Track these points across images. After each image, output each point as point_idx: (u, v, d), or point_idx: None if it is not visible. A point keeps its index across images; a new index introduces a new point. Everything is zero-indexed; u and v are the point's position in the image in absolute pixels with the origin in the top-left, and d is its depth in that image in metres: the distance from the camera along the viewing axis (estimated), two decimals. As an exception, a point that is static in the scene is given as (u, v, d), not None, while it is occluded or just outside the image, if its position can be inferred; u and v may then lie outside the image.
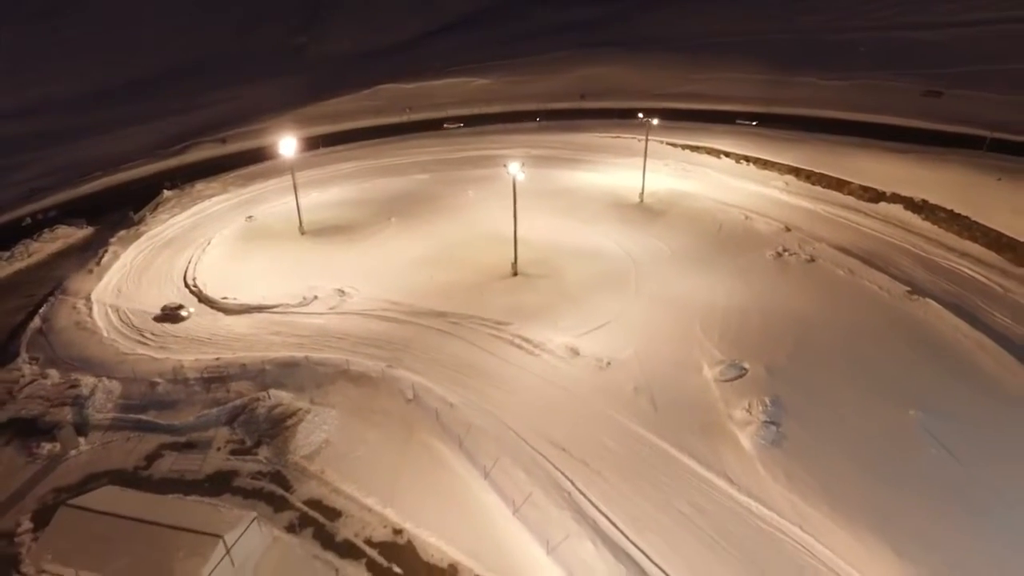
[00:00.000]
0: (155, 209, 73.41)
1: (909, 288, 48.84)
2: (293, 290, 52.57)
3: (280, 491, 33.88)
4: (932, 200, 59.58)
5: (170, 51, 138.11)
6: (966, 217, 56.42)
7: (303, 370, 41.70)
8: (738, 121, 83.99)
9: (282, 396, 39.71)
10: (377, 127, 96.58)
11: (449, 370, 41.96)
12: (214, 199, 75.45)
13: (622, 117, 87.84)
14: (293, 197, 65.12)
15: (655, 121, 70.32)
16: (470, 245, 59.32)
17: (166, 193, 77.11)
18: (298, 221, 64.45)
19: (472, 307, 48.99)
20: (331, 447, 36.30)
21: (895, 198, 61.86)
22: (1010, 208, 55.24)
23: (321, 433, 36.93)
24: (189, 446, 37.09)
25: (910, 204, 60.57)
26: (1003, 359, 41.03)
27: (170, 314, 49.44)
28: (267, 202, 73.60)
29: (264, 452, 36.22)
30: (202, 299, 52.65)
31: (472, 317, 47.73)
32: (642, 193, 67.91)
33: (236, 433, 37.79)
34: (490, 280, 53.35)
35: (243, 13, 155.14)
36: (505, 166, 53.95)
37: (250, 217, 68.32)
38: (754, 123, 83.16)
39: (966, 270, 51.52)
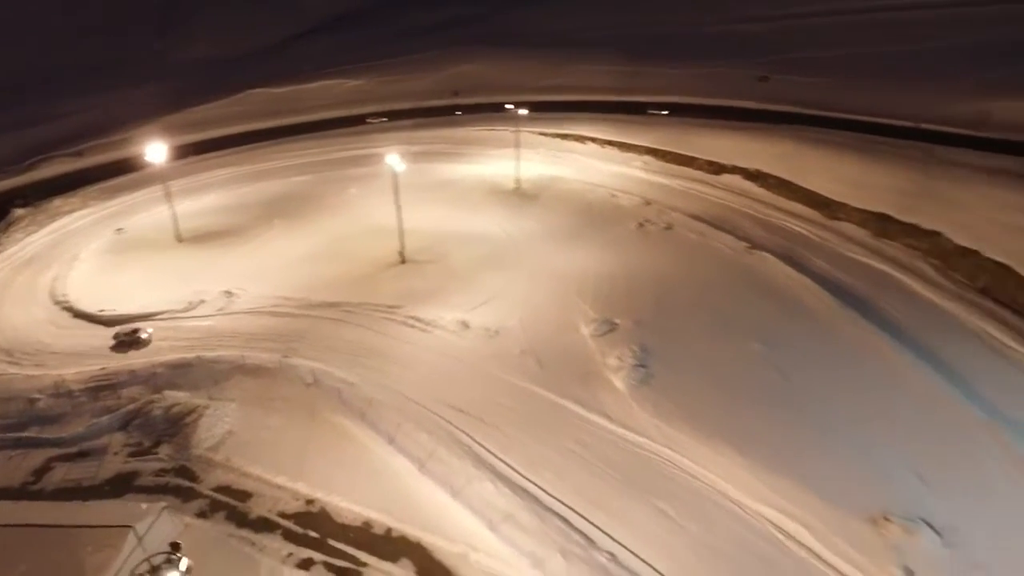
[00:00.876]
0: (6, 229, 68.33)
1: (749, 244, 56.30)
2: (176, 296, 51.80)
3: (187, 483, 34.32)
4: (764, 169, 68.37)
5: (13, 58, 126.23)
6: (791, 182, 65.39)
7: (197, 369, 41.81)
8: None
9: (178, 396, 39.76)
10: (249, 132, 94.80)
11: (346, 354, 43.74)
12: (75, 214, 71.46)
13: (494, 111, 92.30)
14: (164, 207, 63.45)
15: (524, 111, 74.97)
16: (357, 239, 60.88)
17: (17, 212, 71.87)
18: (174, 229, 62.91)
19: (363, 295, 50.86)
20: (234, 436, 37.07)
21: (735, 170, 70.33)
22: (825, 172, 64.68)
23: (223, 425, 37.57)
24: (82, 455, 36.41)
25: (747, 174, 69.16)
26: (821, 295, 48.73)
27: (127, 340, 45.90)
28: (136, 214, 70.83)
29: (165, 450, 36.34)
30: (76, 314, 50.60)
31: (364, 304, 49.64)
32: (517, 180, 72.38)
33: (132, 437, 37.50)
34: (379, 270, 55.37)
35: (91, 18, 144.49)
36: (384, 159, 56.12)
37: (120, 229, 65.62)
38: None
39: (793, 226, 60.09)
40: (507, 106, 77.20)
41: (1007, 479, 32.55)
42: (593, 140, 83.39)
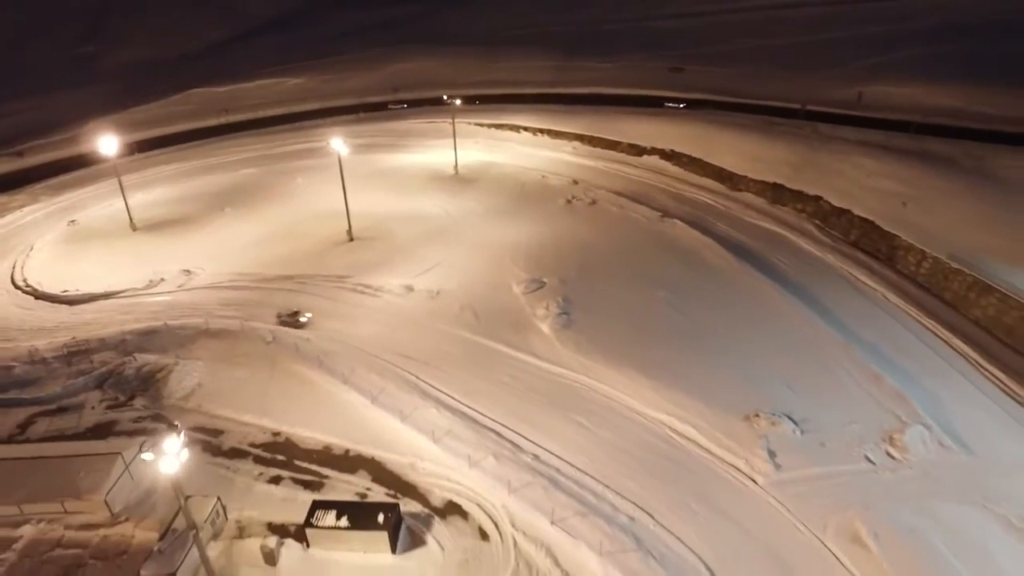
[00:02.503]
0: (-47, 227, 69.54)
1: (662, 213, 63.41)
2: (137, 277, 55.18)
3: (163, 427, 38.58)
4: (678, 150, 75.91)
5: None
6: (701, 159, 73.08)
7: (163, 335, 45.70)
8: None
9: (147, 358, 43.67)
10: (194, 130, 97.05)
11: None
12: (24, 210, 72.98)
13: (433, 104, 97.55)
14: (115, 200, 66.14)
15: (458, 102, 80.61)
16: (306, 222, 65.18)
17: (-38, 210, 72.96)
18: (127, 220, 65.78)
19: (315, 268, 55.48)
20: (203, 387, 41.43)
21: (653, 151, 77.75)
22: (730, 150, 72.51)
23: (192, 379, 41.84)
24: (62, 410, 40.06)
25: (664, 154, 76.65)
26: (722, 253, 55.99)
27: (288, 321, 47.78)
28: (87, 208, 72.97)
29: (140, 402, 40.41)
30: (39, 296, 53.45)
31: (316, 276, 54.30)
32: (456, 166, 77.90)
33: (108, 393, 41.32)
34: (329, 247, 59.95)
35: (21, 19, 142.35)
36: (329, 144, 60.75)
37: (73, 221, 67.90)
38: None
39: (701, 197, 67.73)
40: (444, 97, 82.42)
41: (854, 382, 40.07)
42: (526, 129, 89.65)
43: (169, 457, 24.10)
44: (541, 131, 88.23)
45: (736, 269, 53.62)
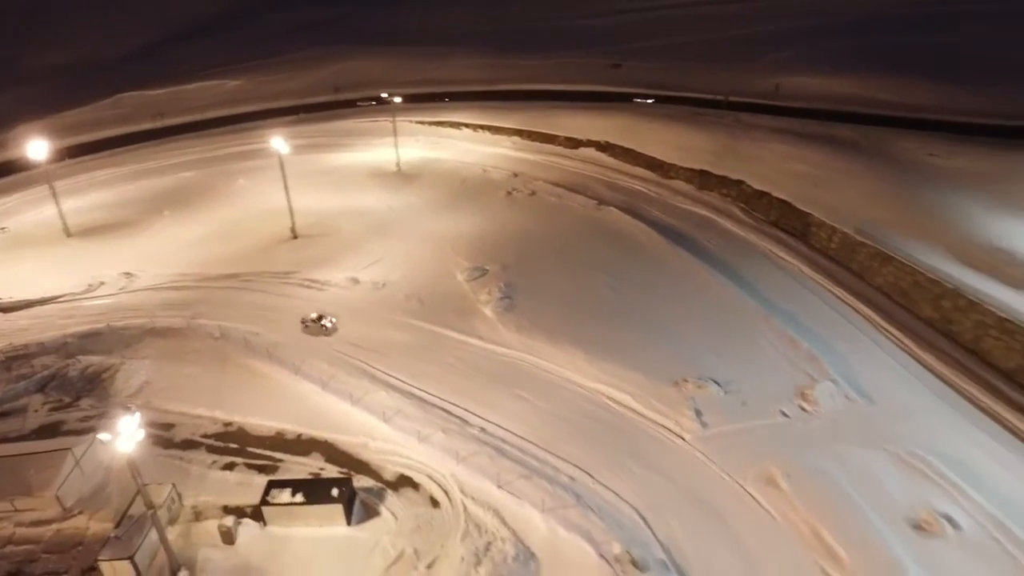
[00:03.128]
0: None
1: (598, 202, 66.44)
2: (74, 281, 54.48)
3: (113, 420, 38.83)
4: (612, 141, 79.27)
5: None
6: (634, 150, 76.58)
7: (107, 336, 45.69)
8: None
9: (91, 359, 43.67)
10: (127, 135, 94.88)
11: (248, 313, 49.03)
12: (-52, 219, 70.51)
13: (374, 104, 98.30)
14: (45, 207, 64.78)
15: (398, 99, 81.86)
16: (248, 221, 65.40)
17: None
18: (61, 225, 64.54)
19: (259, 266, 56.04)
20: (151, 385, 41.83)
21: (589, 143, 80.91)
22: (660, 140, 76.27)
23: (139, 377, 42.16)
24: (3, 415, 39.76)
25: (599, 146, 79.92)
26: (653, 237, 59.28)
27: (313, 326, 46.44)
28: (16, 215, 71.03)
29: (87, 402, 40.49)
30: (-30, 305, 52.22)
31: (261, 273, 54.92)
32: (398, 163, 79.18)
33: (51, 396, 41.20)
34: (273, 245, 60.49)
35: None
36: (270, 144, 61.23)
37: (3, 229, 66.09)
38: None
39: (634, 185, 71.17)
40: (383, 95, 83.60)
41: (773, 347, 43.66)
42: (467, 125, 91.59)
43: (125, 438, 25.06)
44: (481, 127, 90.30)
45: (668, 251, 56.92)
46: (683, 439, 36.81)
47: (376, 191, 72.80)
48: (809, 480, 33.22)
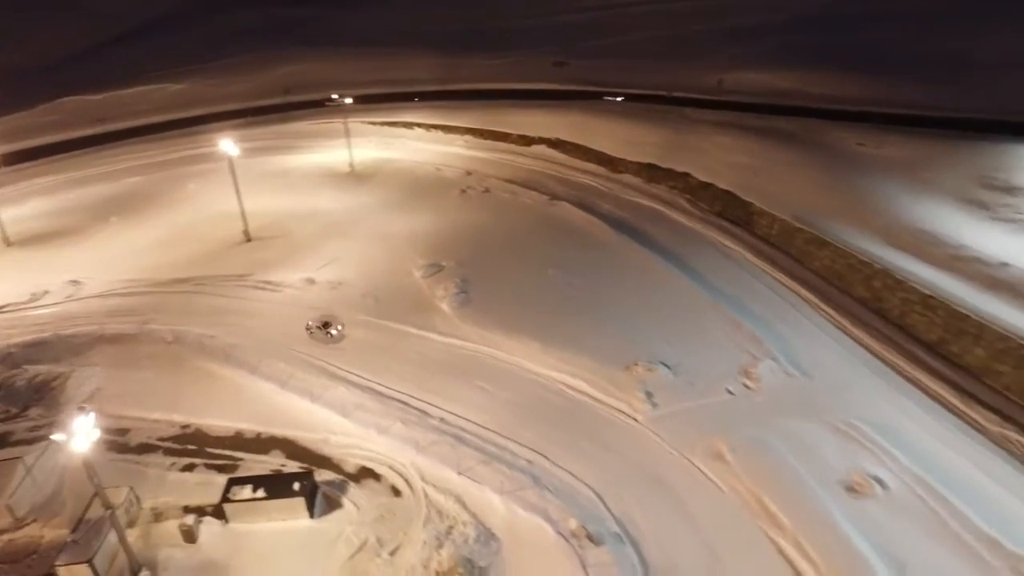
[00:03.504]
0: None
1: (550, 197, 67.90)
2: (17, 291, 53.03)
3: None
4: (564, 138, 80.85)
5: None
6: (584, 146, 78.33)
7: (54, 344, 44.78)
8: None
9: (39, 368, 42.80)
10: (68, 141, 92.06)
11: (203, 317, 48.64)
12: None
13: (326, 106, 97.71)
14: (-24, 218, 62.57)
15: (349, 100, 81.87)
16: (200, 225, 64.61)
17: None
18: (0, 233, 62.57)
19: (212, 270, 55.47)
20: (103, 391, 41.26)
21: (541, 140, 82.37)
22: (609, 136, 78.19)
23: (90, 384, 41.55)
24: (-53, 429, 38.72)
25: (551, 143, 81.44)
26: (605, 230, 60.93)
27: (318, 333, 45.19)
28: (-49, 226, 68.32)
29: (36, 411, 39.71)
30: (-94, 319, 50.29)
31: (214, 277, 54.39)
32: (351, 163, 79.18)
33: (-2, 407, 40.29)
34: (226, 248, 59.95)
35: None
36: (219, 147, 60.68)
37: (-63, 240, 63.64)
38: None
39: (585, 180, 72.93)
40: (333, 96, 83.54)
41: (719, 330, 45.68)
42: (419, 125, 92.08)
43: (80, 437, 25.06)
44: (434, 127, 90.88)
45: (618, 243, 58.68)
46: (635, 420, 38.39)
47: (330, 192, 72.73)
48: (752, 452, 35.17)
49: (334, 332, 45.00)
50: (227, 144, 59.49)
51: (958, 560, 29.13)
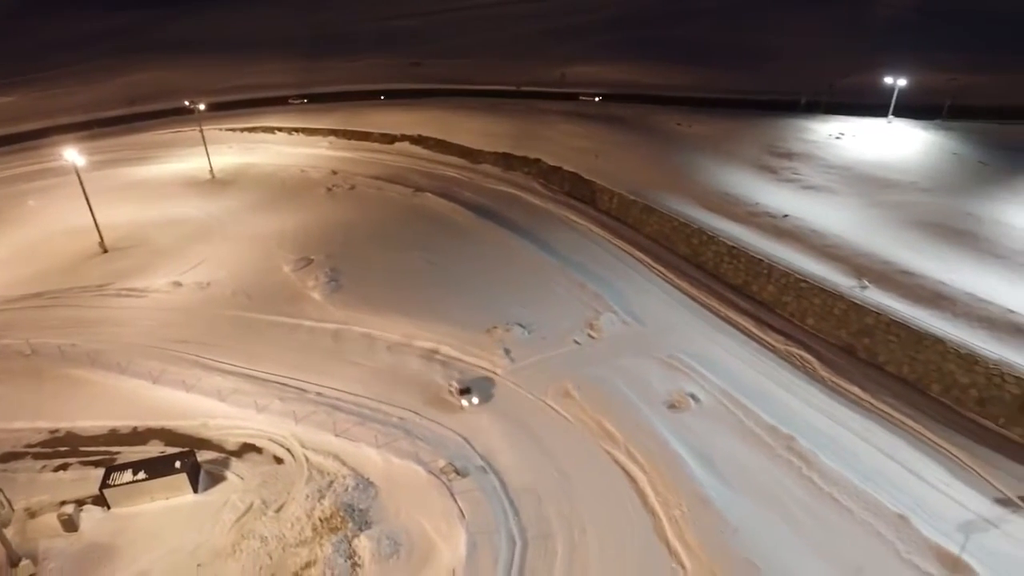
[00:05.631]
0: None
1: (414, 189, 71.72)
2: None
3: (-85, 453, 36.97)
4: (425, 134, 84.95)
5: None
6: (445, 140, 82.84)
7: None
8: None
9: None
10: None
11: (61, 329, 47.79)
12: None
13: (177, 114, 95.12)
14: None
15: (202, 106, 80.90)
16: (49, 241, 62.14)
17: None
18: None
19: (68, 283, 54.19)
20: (-43, 411, 40.00)
21: (403, 138, 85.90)
22: (467, 130, 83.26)
23: (-59, 405, 40.05)
24: None
25: (412, 139, 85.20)
26: (466, 215, 65.76)
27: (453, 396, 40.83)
28: None
29: None
30: None
31: (71, 289, 53.23)
32: (211, 170, 78.42)
33: None
34: (81, 261, 58.38)
35: None
36: (62, 160, 58.77)
37: None
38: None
39: (447, 172, 77.41)
40: (185, 103, 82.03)
41: (566, 292, 51.71)
42: (281, 129, 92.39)
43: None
44: (296, 130, 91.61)
45: (479, 226, 63.66)
46: (496, 374, 43.25)
47: (191, 199, 72.00)
48: (594, 388, 41.11)
49: (466, 404, 40.27)
50: (72, 154, 57.80)
51: (747, 447, 36.47)
